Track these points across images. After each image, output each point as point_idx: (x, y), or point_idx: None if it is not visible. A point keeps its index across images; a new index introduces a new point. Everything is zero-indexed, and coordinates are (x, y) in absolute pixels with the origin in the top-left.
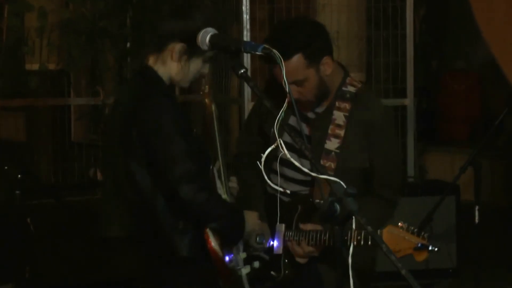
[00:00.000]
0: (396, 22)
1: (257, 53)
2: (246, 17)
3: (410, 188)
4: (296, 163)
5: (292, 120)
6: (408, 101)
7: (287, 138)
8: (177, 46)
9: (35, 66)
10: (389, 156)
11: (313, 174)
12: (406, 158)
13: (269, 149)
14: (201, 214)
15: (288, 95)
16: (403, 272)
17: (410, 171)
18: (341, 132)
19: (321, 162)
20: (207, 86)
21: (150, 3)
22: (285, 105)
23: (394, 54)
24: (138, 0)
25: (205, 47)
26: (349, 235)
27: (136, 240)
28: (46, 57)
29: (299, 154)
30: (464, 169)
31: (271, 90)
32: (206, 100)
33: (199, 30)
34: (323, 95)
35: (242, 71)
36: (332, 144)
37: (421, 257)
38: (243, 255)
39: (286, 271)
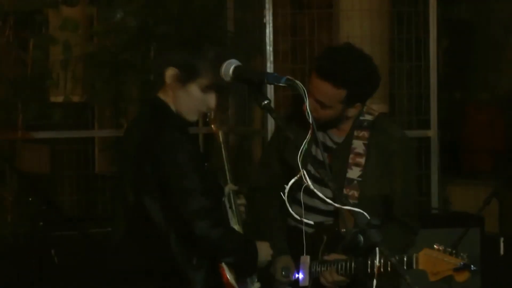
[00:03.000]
0: (419, 54)
1: (280, 84)
2: (269, 49)
3: (434, 219)
4: (320, 194)
5: (314, 150)
6: (432, 133)
7: (310, 168)
8: (170, 71)
9: (60, 99)
10: (409, 183)
11: (336, 205)
12: (430, 190)
13: (293, 180)
14: (216, 249)
15: (311, 126)
16: None
17: (434, 202)
18: (362, 160)
19: (344, 191)
20: (212, 113)
21: (173, 35)
22: (308, 136)
23: (417, 85)
24: (163, 34)
25: (228, 79)
26: (371, 265)
27: (150, 276)
28: (70, 90)
29: (321, 184)
30: (488, 201)
31: (293, 119)
32: (213, 127)
33: (197, 59)
34: (333, 124)
35: (265, 102)
36: (353, 173)
37: (462, 277)
38: (257, 285)
39: None
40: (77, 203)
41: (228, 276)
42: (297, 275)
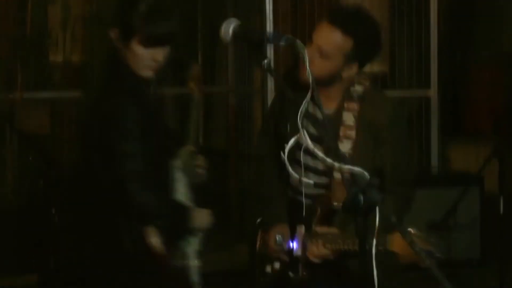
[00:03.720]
0: (420, 13)
1: (281, 44)
2: (269, 8)
3: (434, 179)
4: (321, 154)
5: (312, 109)
6: (432, 93)
7: (310, 127)
8: (113, 32)
9: (59, 58)
10: (399, 154)
11: (336, 163)
12: (430, 149)
13: (293, 140)
14: (142, 212)
15: (311, 86)
16: (427, 262)
17: (434, 162)
18: (352, 133)
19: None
20: (194, 72)
21: None
22: (308, 95)
23: (417, 45)
24: None
25: (227, 38)
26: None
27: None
28: (69, 49)
29: (322, 144)
30: (488, 160)
31: (292, 80)
32: (191, 84)
33: (130, 15)
34: (326, 82)
35: (265, 61)
36: (344, 146)
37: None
38: (196, 262)
39: (304, 273)
40: (78, 162)
41: (153, 239)
42: (291, 244)
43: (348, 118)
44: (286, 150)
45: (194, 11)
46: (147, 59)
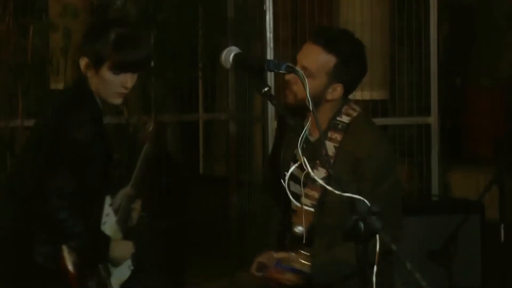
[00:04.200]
0: (419, 40)
1: (281, 71)
2: (269, 35)
3: (434, 206)
4: (321, 182)
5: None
6: (432, 119)
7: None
8: (82, 61)
9: (60, 85)
10: (381, 190)
11: (337, 192)
12: (430, 177)
13: (293, 167)
14: (59, 230)
15: (311, 112)
16: None
17: (434, 189)
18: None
19: (305, 190)
20: (148, 126)
21: (174, 23)
22: (309, 123)
23: (417, 72)
24: (163, 20)
25: (228, 66)
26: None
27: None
28: (70, 76)
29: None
30: (488, 188)
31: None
32: (141, 136)
33: (100, 43)
34: (304, 107)
35: (265, 89)
36: (318, 174)
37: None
38: (117, 279)
39: None
40: None
41: (65, 259)
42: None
43: (329, 148)
44: (286, 178)
45: (195, 37)
46: (116, 85)
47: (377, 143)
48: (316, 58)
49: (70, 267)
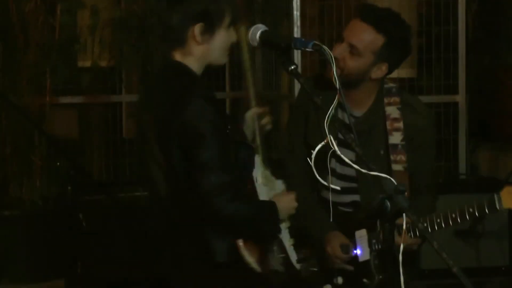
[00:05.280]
0: (448, 18)
1: (307, 49)
2: (296, 13)
3: (462, 185)
4: (348, 161)
5: (341, 115)
6: (460, 98)
7: (339, 134)
8: (196, 29)
9: (87, 63)
10: (431, 158)
11: (363, 170)
12: (457, 155)
13: (319, 146)
14: (229, 225)
15: (338, 92)
16: (455, 269)
17: (462, 168)
18: (400, 125)
19: (392, 157)
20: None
21: None
22: (335, 101)
23: (446, 50)
24: None
25: (255, 44)
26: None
27: (172, 240)
28: (98, 54)
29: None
30: None
31: (318, 84)
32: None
33: (214, 3)
34: (354, 82)
35: (292, 67)
36: (395, 138)
37: None
38: (291, 241)
39: (380, 276)
40: (105, 167)
41: (244, 253)
42: (355, 251)
43: (393, 111)
44: (313, 156)
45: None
46: (228, 42)
47: (430, 112)
48: (365, 37)
49: (252, 262)
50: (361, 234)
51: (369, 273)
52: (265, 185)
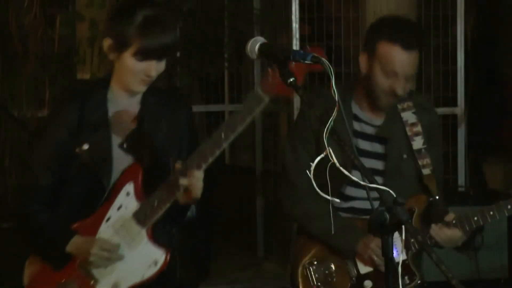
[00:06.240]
0: (446, 30)
1: (306, 62)
2: (295, 26)
3: (461, 197)
4: (345, 172)
5: (358, 127)
6: (459, 110)
7: (365, 145)
8: (105, 42)
9: (86, 75)
10: (441, 159)
11: (362, 183)
12: (456, 167)
13: (319, 157)
14: None
15: (337, 104)
16: (454, 282)
17: (461, 180)
18: (419, 128)
19: (420, 162)
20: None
21: (200, 13)
22: (334, 113)
23: (445, 62)
24: (188, 10)
25: (254, 56)
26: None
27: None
28: (97, 66)
29: (375, 158)
30: None
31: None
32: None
33: (126, 25)
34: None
35: (291, 80)
36: (417, 143)
37: None
38: None
39: (420, 274)
40: None
41: None
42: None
43: (409, 116)
44: (312, 168)
45: (221, 28)
46: (139, 73)
47: (434, 108)
48: (415, 62)
49: None
50: (396, 235)
51: (411, 272)
52: (116, 230)
